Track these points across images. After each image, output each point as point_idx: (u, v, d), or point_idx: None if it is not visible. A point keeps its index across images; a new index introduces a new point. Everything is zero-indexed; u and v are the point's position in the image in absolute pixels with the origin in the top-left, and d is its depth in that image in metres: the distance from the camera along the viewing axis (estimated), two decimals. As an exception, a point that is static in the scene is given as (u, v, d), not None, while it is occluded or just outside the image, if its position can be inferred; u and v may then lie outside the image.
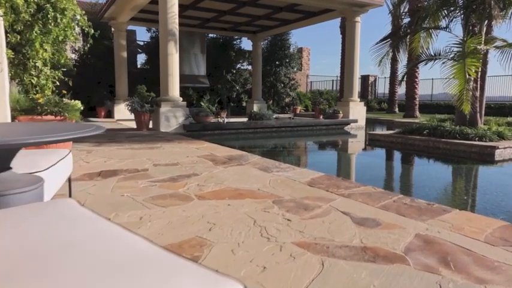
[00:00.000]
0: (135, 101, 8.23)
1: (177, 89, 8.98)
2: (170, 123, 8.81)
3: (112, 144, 6.11)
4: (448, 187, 4.97)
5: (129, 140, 6.86)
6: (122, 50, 13.58)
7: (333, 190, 3.17)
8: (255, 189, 3.21)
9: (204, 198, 2.91)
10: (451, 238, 2.11)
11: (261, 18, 13.50)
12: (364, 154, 8.15)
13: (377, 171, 6.02)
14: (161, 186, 3.32)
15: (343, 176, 5.34)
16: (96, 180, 3.52)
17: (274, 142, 9.79)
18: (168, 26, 8.60)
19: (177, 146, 5.99)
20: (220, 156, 5.00)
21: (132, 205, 2.73)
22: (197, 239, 2.07)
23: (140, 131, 8.39)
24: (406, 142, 7.82)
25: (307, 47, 22.97)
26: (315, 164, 6.74)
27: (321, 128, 11.42)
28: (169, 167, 4.23)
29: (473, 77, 7.84)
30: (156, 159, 4.67)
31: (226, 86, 17.10)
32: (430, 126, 7.93)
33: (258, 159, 4.77)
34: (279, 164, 4.46)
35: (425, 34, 9.08)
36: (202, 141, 6.67)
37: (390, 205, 2.76)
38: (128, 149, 5.65)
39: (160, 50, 8.89)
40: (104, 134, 7.71)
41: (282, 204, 2.76)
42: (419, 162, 7.27)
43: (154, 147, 5.89)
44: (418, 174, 5.80)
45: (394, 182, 5.33)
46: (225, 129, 9.77)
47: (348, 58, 11.98)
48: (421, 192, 4.31)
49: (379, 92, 25.27)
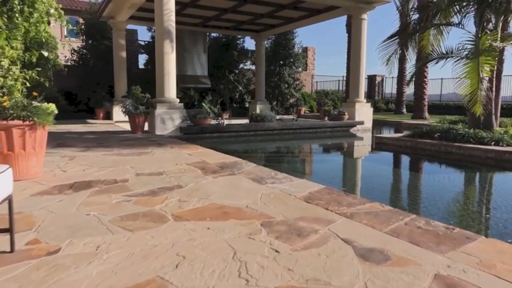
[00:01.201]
0: (129, 102, 7.83)
1: (174, 89, 8.57)
2: (166, 125, 8.40)
3: (100, 149, 5.72)
4: (467, 201, 4.44)
5: (120, 144, 6.46)
6: (121, 49, 13.23)
7: (333, 208, 2.73)
8: (243, 207, 2.77)
9: (181, 219, 2.48)
10: (481, 281, 1.65)
11: (263, 17, 13.05)
12: (370, 160, 7.64)
13: (385, 180, 5.53)
14: (136, 202, 2.90)
15: (347, 186, 4.89)
16: (65, 194, 3.11)
17: (275, 146, 9.33)
18: (164, 24, 8.20)
19: (168, 152, 5.57)
20: (212, 163, 4.57)
21: (95, 228, 2.31)
22: (157, 281, 1.64)
23: (134, 134, 8.00)
24: (416, 146, 7.32)
25: (312, 46, 22.47)
26: (316, 172, 6.27)
27: (326, 130, 10.93)
28: (153, 177, 3.81)
29: (488, 77, 7.32)
30: (140, 168, 4.26)
31: (228, 86, 16.68)
32: (441, 129, 7.42)
33: (252, 168, 4.33)
34: (275, 173, 4.01)
35: (436, 31, 8.57)
36: (197, 146, 6.25)
37: (401, 229, 2.30)
38: (115, 154, 5.25)
39: (156, 48, 8.49)
40: (96, 138, 7.33)
41: (272, 228, 2.32)
42: (431, 169, 6.73)
43: (143, 152, 5.48)
44: (431, 184, 5.25)
45: (404, 194, 4.81)
46: (224, 131, 9.34)
47: (353, 57, 11.49)
48: (437, 210, 3.81)
49: (386, 92, 24.68)
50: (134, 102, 7.98)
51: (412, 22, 8.59)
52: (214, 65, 16.11)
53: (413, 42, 8.16)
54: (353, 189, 4.78)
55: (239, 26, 14.69)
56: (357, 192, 4.44)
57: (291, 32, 17.22)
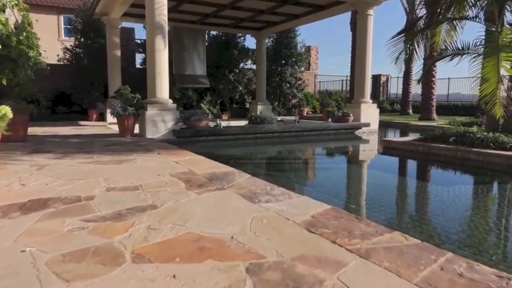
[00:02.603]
0: (117, 103, 7.23)
1: (166, 89, 7.97)
2: (158, 128, 7.81)
3: (77, 156, 5.12)
4: (506, 224, 3.76)
5: (103, 149, 5.87)
6: (115, 47, 12.65)
7: (343, 241, 2.11)
8: (227, 238, 2.16)
9: (142, 260, 1.88)
10: None
11: (264, 13, 12.44)
12: (380, 167, 6.86)
13: (400, 194, 4.84)
14: (93, 230, 2.30)
15: (356, 203, 4.25)
16: (10, 218, 2.52)
17: (274, 150, 8.69)
18: (155, 19, 7.61)
19: (153, 159, 4.96)
20: (199, 174, 3.96)
21: (20, 275, 1.70)
22: None
23: (123, 138, 7.41)
24: (429, 151, 6.68)
25: (315, 45, 21.81)
26: (319, 183, 5.60)
27: (329, 132, 10.30)
28: (126, 192, 3.20)
29: (509, 75, 6.68)
30: (115, 180, 3.66)
31: (228, 86, 16.08)
32: (456, 132, 6.78)
33: (245, 180, 3.72)
34: (271, 188, 3.40)
35: (449, 26, 7.92)
36: (187, 152, 5.65)
37: (437, 278, 1.69)
38: (93, 163, 4.65)
39: (147, 45, 7.91)
40: (79, 142, 6.76)
41: (261, 276, 1.70)
42: (450, 178, 5.95)
43: (125, 160, 4.88)
44: (454, 199, 4.33)
45: (425, 213, 3.99)
46: (220, 134, 8.72)
47: (359, 55, 10.87)
48: (471, 240, 3.12)
49: (391, 92, 24.02)
50: (123, 103, 7.38)
51: (424, 16, 7.90)
52: (214, 64, 15.53)
53: (424, 38, 7.51)
54: (363, 207, 4.12)
55: (239, 24, 14.09)
56: (369, 212, 3.79)
57: (293, 30, 16.61)
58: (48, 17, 22.78)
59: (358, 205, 4.06)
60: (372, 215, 3.56)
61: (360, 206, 4.05)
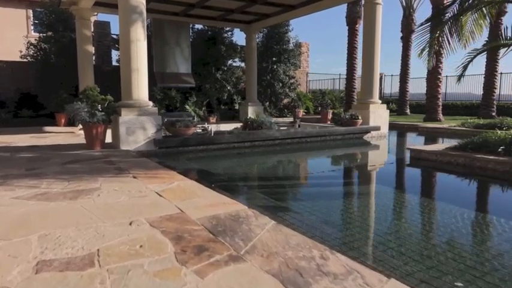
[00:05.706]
0: (81, 107, 5.70)
1: (145, 89, 6.49)
2: (136, 137, 6.32)
3: (18, 184, 3.62)
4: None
5: (60, 170, 4.36)
6: (86, 42, 11.00)
7: None
8: None
9: None
10: None
11: (256, 3, 11.05)
12: (417, 190, 5.10)
13: (463, 238, 3.30)
14: None
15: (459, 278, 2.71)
16: None
17: (280, 163, 7.08)
18: (131, 1, 6.12)
19: (125, 188, 3.50)
20: (195, 221, 2.55)
21: None
22: None
23: (90, 151, 5.88)
24: (473, 164, 5.43)
25: (306, 42, 20.52)
26: (374, 227, 3.45)
27: (336, 138, 8.99)
28: (68, 274, 1.77)
29: None
30: (58, 238, 2.22)
31: (215, 85, 14.62)
32: (503, 139, 5.57)
33: (270, 234, 2.32)
34: (321, 254, 2.00)
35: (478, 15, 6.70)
36: (173, 174, 4.21)
37: None
38: (34, 197, 3.17)
39: (121, 35, 6.40)
40: (32, 158, 5.22)
41: None
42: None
43: (85, 190, 3.40)
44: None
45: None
46: (212, 143, 7.28)
47: (366, 51, 9.62)
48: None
49: (385, 92, 23.01)
50: (90, 107, 5.86)
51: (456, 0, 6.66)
52: (199, 61, 14.04)
53: (458, 26, 6.27)
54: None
55: (227, 16, 12.63)
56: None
57: (285, 24, 15.29)
58: (17, 11, 20.82)
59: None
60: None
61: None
